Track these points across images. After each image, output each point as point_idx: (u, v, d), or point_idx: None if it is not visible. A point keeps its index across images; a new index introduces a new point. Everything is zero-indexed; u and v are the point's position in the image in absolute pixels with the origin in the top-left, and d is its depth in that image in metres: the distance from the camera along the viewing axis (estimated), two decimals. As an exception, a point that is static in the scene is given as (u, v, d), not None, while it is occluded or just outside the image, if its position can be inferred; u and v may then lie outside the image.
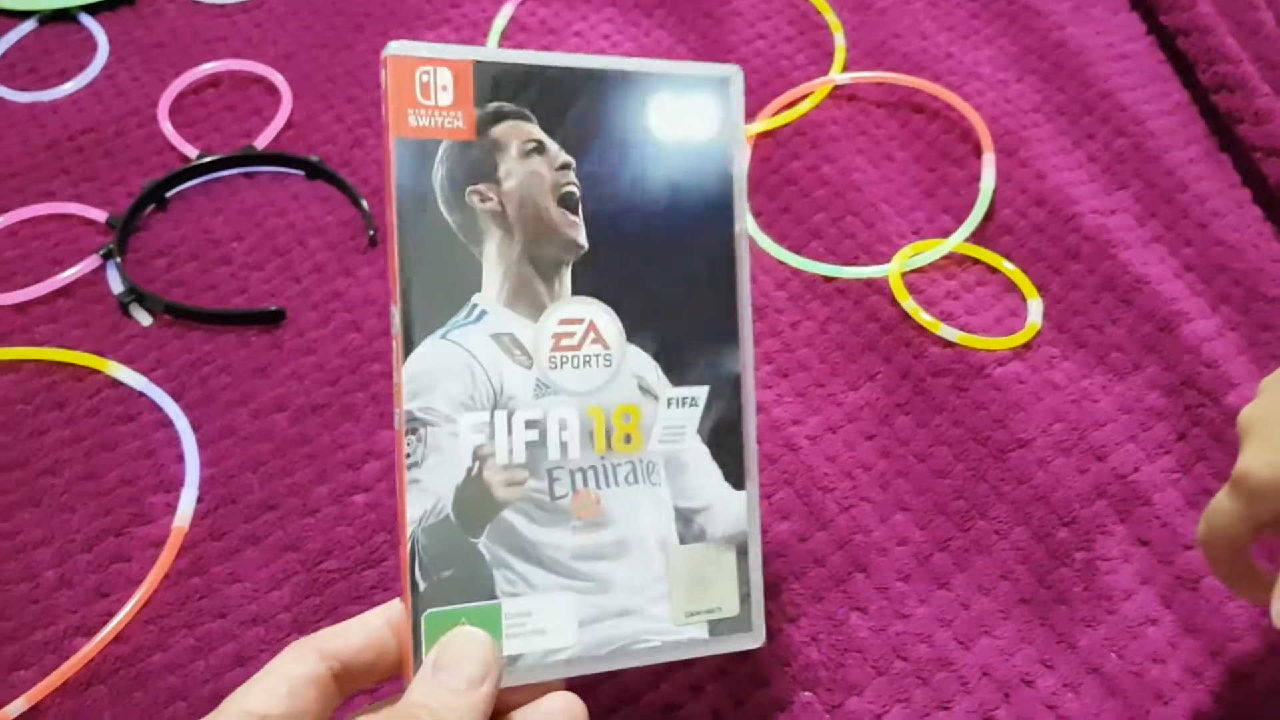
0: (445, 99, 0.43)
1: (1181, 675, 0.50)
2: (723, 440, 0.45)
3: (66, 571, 0.53)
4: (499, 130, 0.43)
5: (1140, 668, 0.50)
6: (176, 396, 0.59)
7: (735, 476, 0.45)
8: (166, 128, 0.71)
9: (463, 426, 0.42)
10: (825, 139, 0.70)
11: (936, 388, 0.59)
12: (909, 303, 0.61)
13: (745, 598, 0.45)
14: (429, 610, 0.40)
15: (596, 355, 0.44)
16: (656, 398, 0.44)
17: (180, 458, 0.57)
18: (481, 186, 0.43)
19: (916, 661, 0.51)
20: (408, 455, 0.41)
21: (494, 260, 0.43)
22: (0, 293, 0.63)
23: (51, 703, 0.49)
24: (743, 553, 0.45)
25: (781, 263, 0.64)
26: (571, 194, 0.44)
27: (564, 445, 0.43)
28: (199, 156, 0.69)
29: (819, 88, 0.72)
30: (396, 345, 0.41)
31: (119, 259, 0.64)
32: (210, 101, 0.73)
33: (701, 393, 0.45)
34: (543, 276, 0.43)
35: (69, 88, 0.74)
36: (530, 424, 0.43)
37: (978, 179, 0.67)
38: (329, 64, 0.75)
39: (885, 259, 0.64)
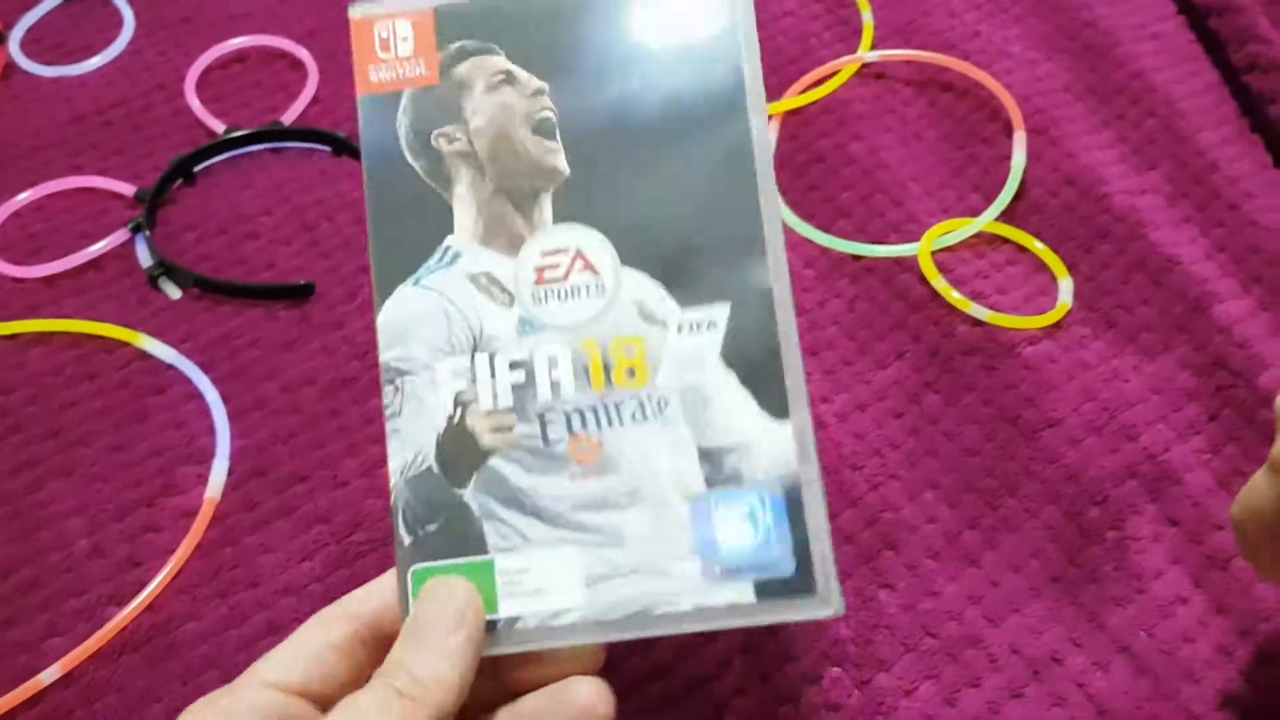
0: (405, 49, 0.43)
1: (1212, 655, 0.50)
2: (755, 363, 0.39)
3: (99, 541, 0.53)
4: (463, 69, 0.43)
5: (1170, 647, 0.50)
6: (206, 369, 0.59)
7: (775, 405, 0.39)
8: (193, 103, 0.71)
9: (441, 373, 0.40)
10: (853, 117, 0.69)
11: (966, 366, 0.59)
12: (939, 282, 0.61)
13: (804, 552, 0.38)
14: (415, 566, 0.39)
15: (586, 284, 0.41)
16: (664, 324, 0.40)
17: (210, 429, 0.57)
18: (448, 129, 0.42)
19: (946, 638, 0.51)
20: (386, 406, 0.40)
21: (466, 200, 0.42)
22: (29, 265, 0.63)
23: (85, 670, 0.50)
24: (794, 495, 0.39)
25: (809, 240, 0.64)
26: (548, 119, 0.42)
27: (555, 385, 0.40)
28: (226, 131, 0.69)
29: (846, 65, 0.71)
30: (375, 298, 0.41)
31: (148, 232, 0.64)
32: (237, 77, 0.73)
33: (721, 312, 0.40)
34: (520, 209, 0.41)
35: (95, 62, 0.74)
36: (515, 365, 0.40)
37: (1006, 158, 0.66)
38: (355, 40, 0.75)
39: (914, 238, 0.63)
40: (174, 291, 0.62)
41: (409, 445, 0.40)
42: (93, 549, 0.53)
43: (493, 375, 0.40)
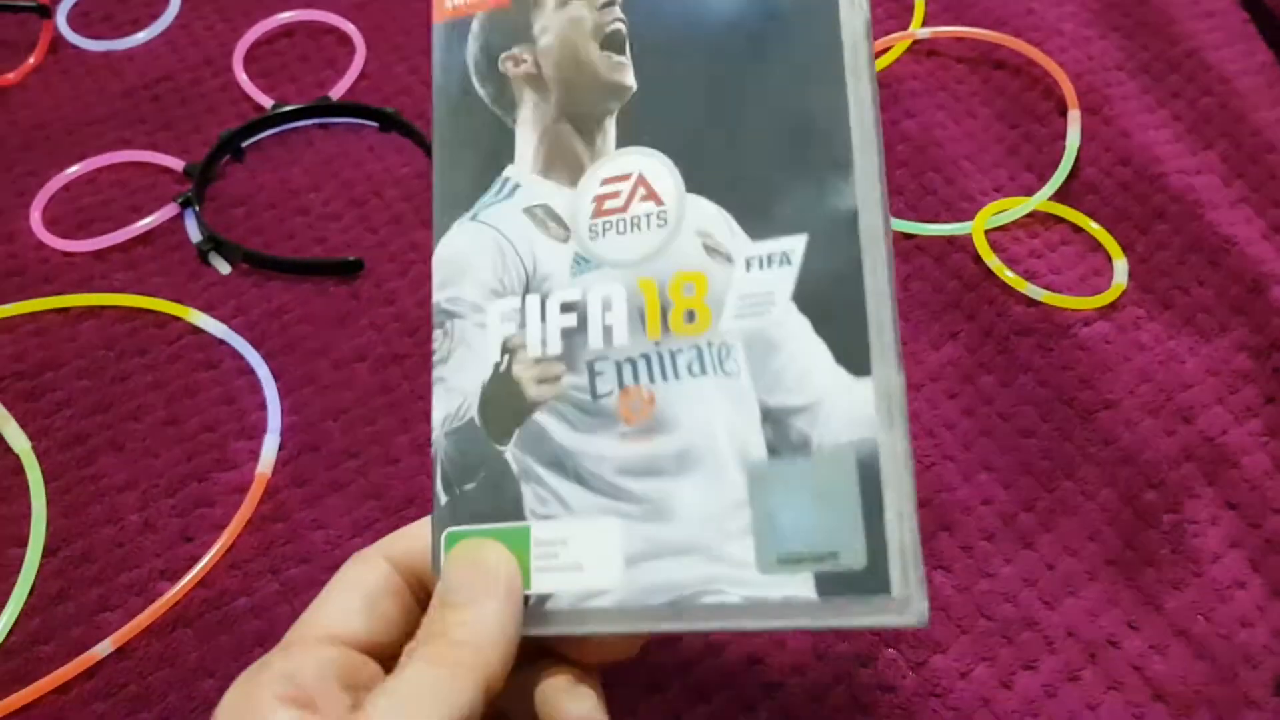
0: None
1: (1270, 639, 0.49)
2: (834, 307, 0.32)
3: (150, 515, 0.54)
4: None
5: (1228, 631, 0.50)
6: (257, 345, 0.59)
7: (854, 357, 0.32)
8: (241, 77, 0.71)
9: (491, 316, 0.37)
10: (905, 94, 0.69)
11: (1021, 347, 0.58)
12: (993, 261, 0.60)
13: (878, 541, 0.31)
14: (450, 529, 0.36)
15: (648, 215, 0.36)
16: (730, 259, 0.34)
17: (261, 405, 0.57)
18: (515, 50, 0.39)
19: (1001, 620, 0.50)
20: (434, 352, 0.38)
21: (529, 127, 0.38)
22: (79, 239, 0.63)
23: (138, 644, 0.50)
24: (871, 469, 0.31)
25: (860, 219, 0.63)
26: (617, 32, 0.37)
27: (608, 330, 0.35)
28: (274, 107, 0.69)
29: (898, 42, 0.71)
30: (434, 235, 0.39)
31: (197, 207, 0.64)
32: (284, 52, 0.73)
33: (797, 244, 0.33)
34: (582, 134, 0.38)
35: (142, 37, 0.74)
36: (567, 307, 0.36)
37: (1060, 137, 0.66)
38: (401, 15, 0.75)
39: (967, 216, 0.63)
40: (224, 266, 0.62)
41: (454, 394, 0.37)
42: (144, 524, 0.53)
43: (543, 319, 0.37)
